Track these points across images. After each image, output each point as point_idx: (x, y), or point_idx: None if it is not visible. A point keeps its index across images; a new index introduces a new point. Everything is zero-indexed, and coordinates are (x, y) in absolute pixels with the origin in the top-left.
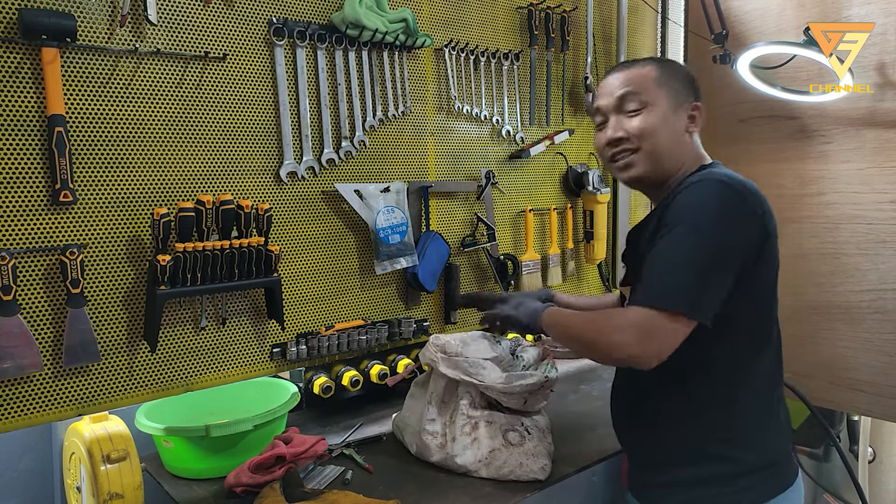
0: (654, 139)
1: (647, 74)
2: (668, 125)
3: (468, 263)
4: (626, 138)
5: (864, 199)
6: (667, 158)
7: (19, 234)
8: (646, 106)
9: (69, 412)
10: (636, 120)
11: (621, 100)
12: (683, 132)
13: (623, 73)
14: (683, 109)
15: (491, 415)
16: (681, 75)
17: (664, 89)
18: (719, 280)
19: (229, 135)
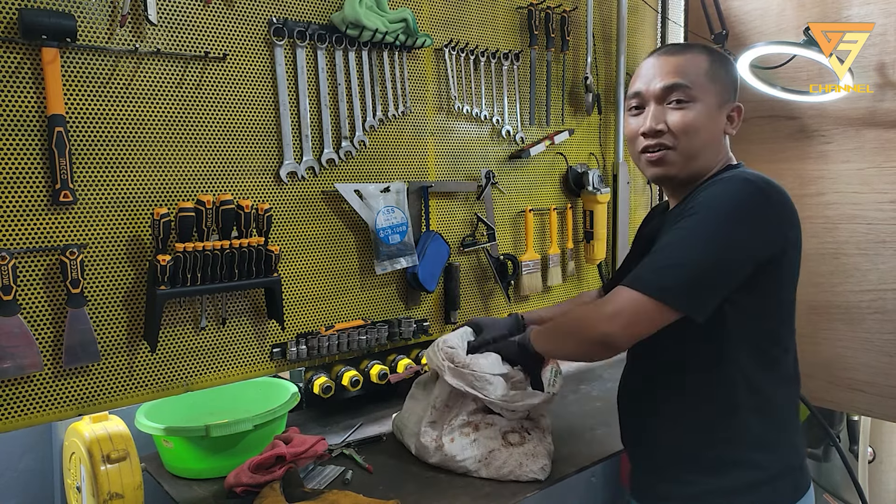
0: (695, 138)
1: (701, 65)
2: (711, 125)
3: (468, 263)
4: (665, 132)
5: (863, 199)
6: (701, 159)
7: (19, 234)
8: (693, 100)
9: (69, 412)
10: (680, 114)
11: (668, 90)
12: (721, 133)
13: (675, 59)
14: (726, 109)
15: (491, 416)
16: (731, 72)
17: (714, 86)
18: (717, 278)
19: (229, 135)
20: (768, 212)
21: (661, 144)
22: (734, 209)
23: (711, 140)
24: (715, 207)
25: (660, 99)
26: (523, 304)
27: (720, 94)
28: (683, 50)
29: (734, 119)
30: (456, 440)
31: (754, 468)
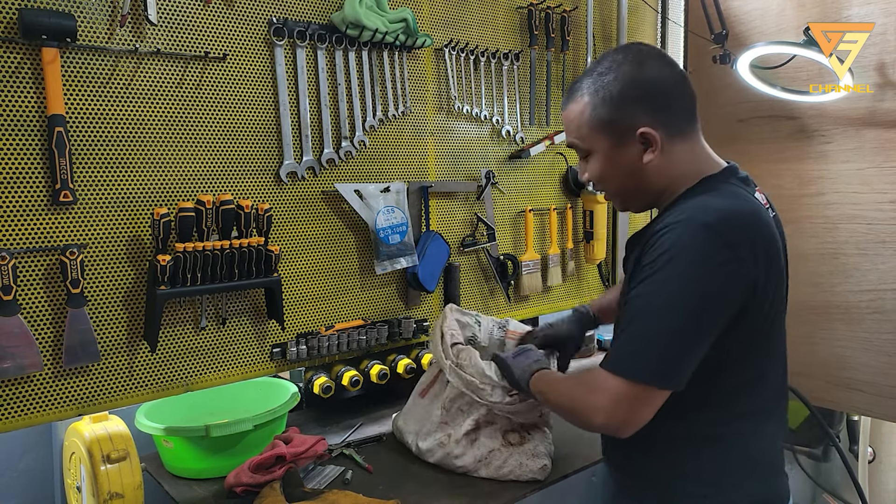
0: (610, 183)
1: (581, 115)
2: (615, 167)
3: (468, 263)
4: (590, 181)
5: (863, 200)
6: (640, 193)
7: (19, 234)
8: (590, 152)
9: (69, 412)
10: (588, 166)
11: (571, 146)
12: (639, 165)
13: (565, 114)
14: (630, 142)
15: (491, 415)
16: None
17: (598, 131)
18: (693, 345)
19: (229, 135)
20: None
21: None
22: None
23: (629, 177)
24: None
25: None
26: (523, 303)
27: (610, 135)
28: (569, 98)
29: (651, 141)
30: (457, 440)
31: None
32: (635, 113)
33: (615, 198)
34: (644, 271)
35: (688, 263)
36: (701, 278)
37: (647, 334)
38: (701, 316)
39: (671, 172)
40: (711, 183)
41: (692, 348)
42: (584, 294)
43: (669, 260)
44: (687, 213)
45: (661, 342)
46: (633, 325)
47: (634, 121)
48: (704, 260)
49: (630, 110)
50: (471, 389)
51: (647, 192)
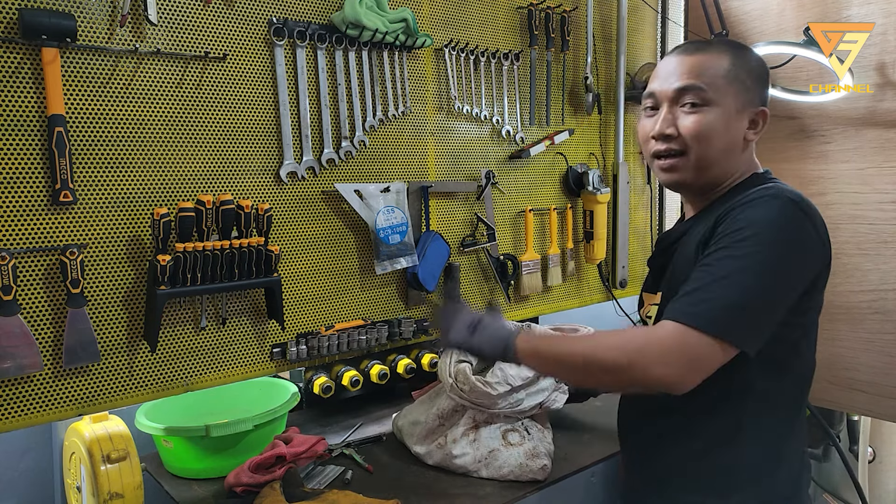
0: (709, 145)
1: (720, 66)
2: (728, 130)
3: (468, 263)
4: (676, 137)
5: (864, 199)
6: (717, 167)
7: (19, 234)
8: (709, 104)
9: (69, 412)
10: (693, 118)
11: (682, 91)
12: (741, 139)
13: (693, 59)
14: (748, 113)
15: (491, 416)
16: (756, 72)
17: (734, 87)
18: (773, 312)
19: (229, 135)
20: (812, 235)
21: (671, 150)
22: (783, 237)
23: (728, 147)
24: (763, 234)
25: (673, 101)
26: (523, 304)
27: (740, 96)
28: (704, 48)
29: (758, 123)
30: (457, 441)
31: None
32: (762, 93)
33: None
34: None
35: (777, 231)
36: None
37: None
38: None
39: (744, 161)
40: (764, 176)
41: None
42: (585, 294)
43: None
44: (770, 191)
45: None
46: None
47: (758, 98)
48: (794, 230)
49: (760, 88)
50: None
51: (722, 169)
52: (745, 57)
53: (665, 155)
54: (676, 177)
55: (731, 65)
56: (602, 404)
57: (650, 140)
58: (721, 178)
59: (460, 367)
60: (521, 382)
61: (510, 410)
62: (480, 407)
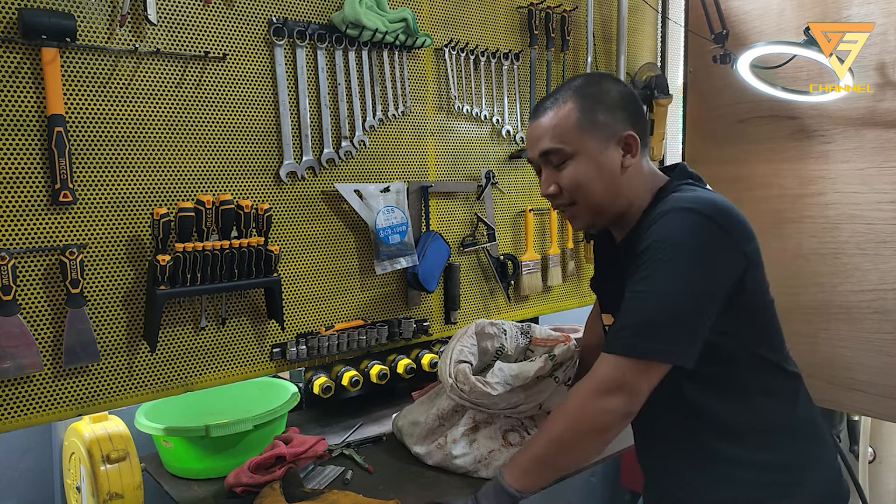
0: (589, 191)
1: (568, 119)
2: (600, 171)
3: (468, 263)
4: (559, 193)
5: (863, 200)
6: (611, 203)
7: (19, 234)
8: (572, 157)
9: (69, 412)
10: (565, 174)
11: (544, 155)
12: (618, 169)
13: (543, 121)
14: (615, 144)
15: (491, 416)
16: (609, 102)
17: (589, 132)
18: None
19: (229, 135)
20: (719, 238)
21: (561, 205)
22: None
23: (610, 183)
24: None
25: (545, 163)
26: (523, 304)
27: (597, 136)
28: (551, 105)
29: (631, 147)
30: (457, 441)
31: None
32: (621, 117)
33: (586, 208)
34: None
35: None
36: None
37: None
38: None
39: (638, 184)
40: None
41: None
42: (585, 294)
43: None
44: (670, 204)
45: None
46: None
47: (619, 125)
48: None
49: (617, 114)
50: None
51: (616, 201)
52: (592, 96)
53: (562, 209)
54: (581, 224)
55: (580, 112)
56: None
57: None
58: (624, 207)
59: (460, 368)
60: (521, 383)
61: (510, 411)
62: (480, 407)
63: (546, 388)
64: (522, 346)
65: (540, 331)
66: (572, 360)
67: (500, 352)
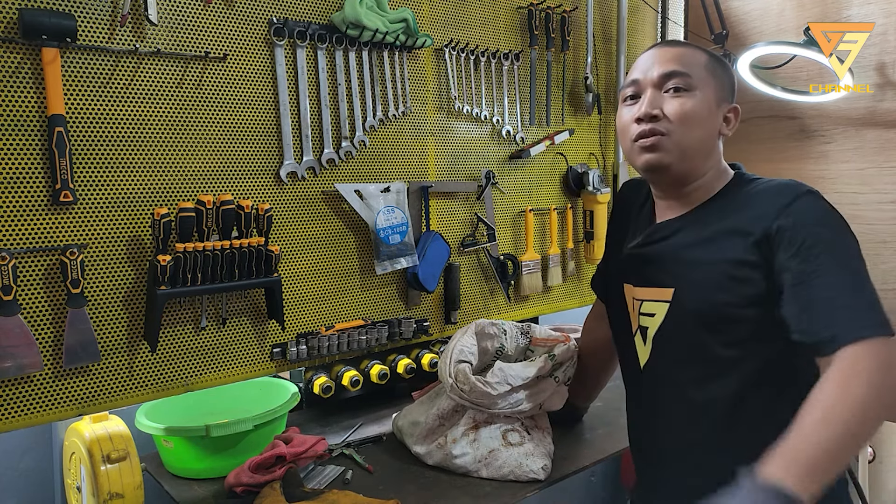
0: (692, 128)
1: (699, 58)
2: (709, 118)
3: (468, 263)
4: (661, 118)
5: (863, 199)
6: (695, 154)
7: (19, 234)
8: (692, 89)
9: (69, 412)
10: (678, 102)
11: (667, 76)
12: (717, 132)
13: (673, 50)
14: (723, 108)
15: (491, 416)
16: (729, 73)
17: (713, 79)
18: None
19: (229, 135)
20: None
21: (655, 130)
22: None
23: (707, 136)
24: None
25: (657, 86)
26: (523, 304)
27: (718, 89)
28: (681, 44)
29: (731, 121)
30: (457, 441)
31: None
32: (732, 92)
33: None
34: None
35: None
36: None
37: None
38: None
39: (717, 156)
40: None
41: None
42: (585, 294)
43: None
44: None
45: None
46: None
47: (731, 96)
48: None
49: (732, 87)
50: (472, 404)
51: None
52: (719, 59)
53: (649, 135)
54: (659, 156)
55: (709, 60)
56: (602, 404)
57: (632, 125)
58: (697, 171)
59: (460, 367)
60: (521, 382)
61: (510, 410)
62: (480, 407)
63: (546, 388)
64: (522, 346)
65: (540, 331)
66: (572, 360)
67: (500, 352)
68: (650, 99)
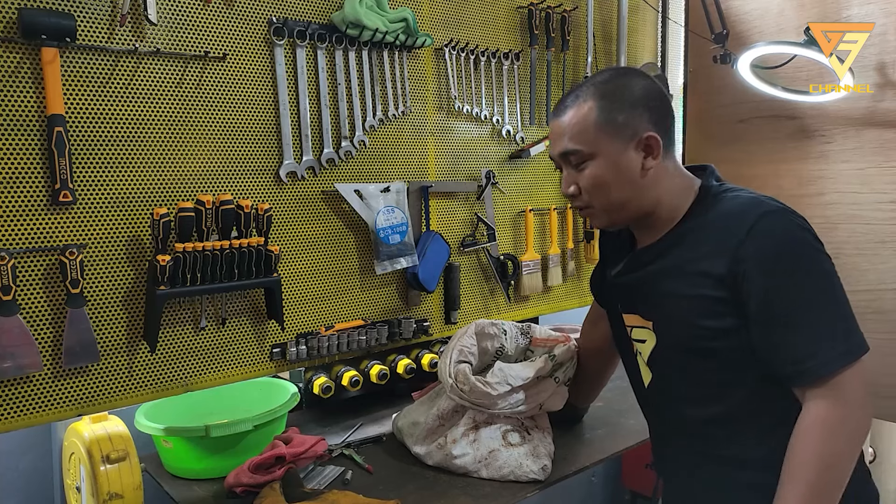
0: (606, 192)
1: (587, 119)
2: (619, 173)
3: (468, 263)
4: (577, 194)
5: (863, 199)
6: (629, 205)
7: (19, 234)
8: (590, 157)
9: (69, 412)
10: (583, 176)
11: (563, 156)
12: (639, 171)
13: (561, 122)
14: (635, 145)
15: (491, 416)
16: (631, 100)
17: (607, 133)
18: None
19: (229, 135)
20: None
21: (580, 206)
22: (802, 243)
23: (628, 185)
24: (791, 254)
25: (565, 163)
26: (523, 304)
27: (617, 139)
28: (571, 104)
29: (653, 148)
30: (457, 441)
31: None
32: (643, 118)
33: (603, 210)
34: (761, 278)
35: (798, 244)
36: (820, 248)
37: (833, 317)
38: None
39: (667, 183)
40: (717, 188)
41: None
42: (585, 294)
43: (789, 252)
44: (757, 209)
45: (846, 315)
46: (811, 318)
47: (641, 125)
48: (810, 236)
49: (638, 114)
50: (472, 405)
51: (638, 204)
52: (613, 95)
53: (581, 209)
54: (598, 223)
55: (599, 111)
56: (603, 404)
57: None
58: (642, 209)
59: (460, 368)
60: (522, 383)
61: (510, 411)
62: (480, 407)
63: (546, 388)
64: (522, 346)
65: (540, 331)
66: (572, 361)
67: (500, 352)
68: (564, 178)
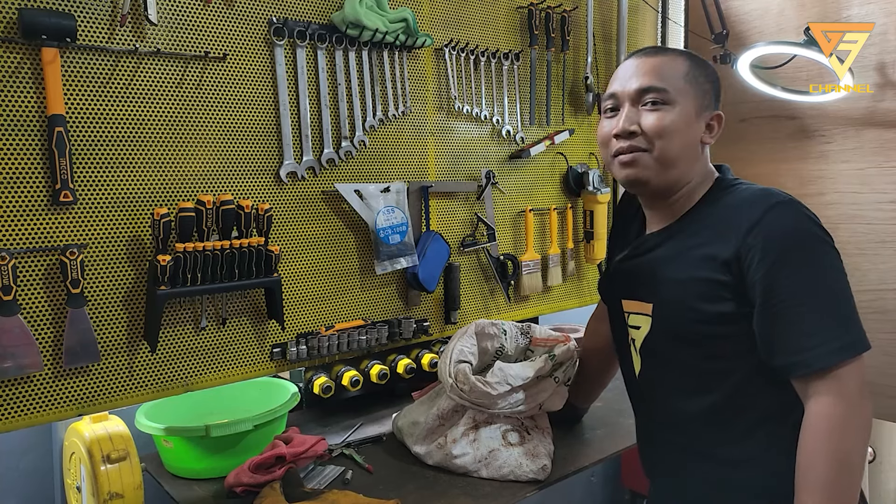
0: (670, 142)
1: (679, 68)
2: (688, 129)
3: (468, 263)
4: (638, 133)
5: (863, 199)
6: (676, 167)
7: (19, 234)
8: (669, 103)
9: (69, 412)
10: (655, 116)
11: (643, 91)
12: (698, 141)
13: (653, 60)
14: (705, 116)
15: (491, 416)
16: (712, 79)
17: (692, 89)
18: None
19: (229, 135)
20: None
21: (633, 147)
22: (811, 235)
23: (687, 146)
24: (800, 244)
25: (634, 100)
26: (523, 304)
27: (698, 99)
28: (662, 52)
29: (713, 128)
30: (457, 441)
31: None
32: (715, 98)
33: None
34: (768, 264)
35: (808, 235)
36: (829, 242)
37: (837, 312)
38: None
39: (701, 165)
40: (730, 179)
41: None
42: (585, 294)
43: (792, 241)
44: (769, 199)
45: (850, 310)
46: (813, 311)
47: (714, 102)
48: (818, 227)
49: (715, 92)
50: (472, 404)
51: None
52: (701, 64)
53: (627, 151)
54: (637, 172)
55: (689, 68)
56: (602, 404)
57: (611, 140)
58: (680, 181)
59: (460, 368)
60: (521, 382)
61: (510, 410)
62: (480, 407)
63: (546, 388)
64: (522, 346)
65: (540, 331)
66: (572, 360)
67: (500, 352)
68: (627, 115)
